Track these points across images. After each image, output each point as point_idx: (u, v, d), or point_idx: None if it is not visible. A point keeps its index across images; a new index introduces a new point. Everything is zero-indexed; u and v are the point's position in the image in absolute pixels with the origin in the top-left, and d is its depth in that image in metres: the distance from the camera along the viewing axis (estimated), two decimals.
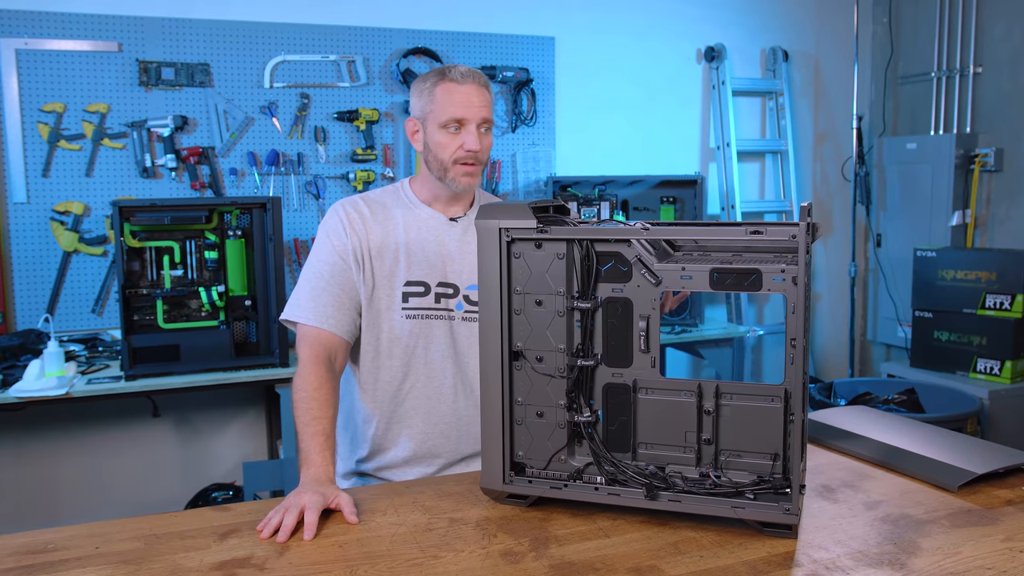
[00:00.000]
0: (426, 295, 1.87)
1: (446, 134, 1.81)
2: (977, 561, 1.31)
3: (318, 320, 1.80)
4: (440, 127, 1.81)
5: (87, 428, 3.58)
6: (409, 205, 1.92)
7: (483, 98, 1.83)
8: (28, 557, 1.35)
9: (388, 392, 1.90)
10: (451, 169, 1.83)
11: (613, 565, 1.31)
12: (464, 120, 1.81)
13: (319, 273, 1.85)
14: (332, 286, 1.83)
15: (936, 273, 4.00)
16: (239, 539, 1.42)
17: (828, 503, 1.55)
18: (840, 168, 4.83)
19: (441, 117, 1.81)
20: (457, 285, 1.89)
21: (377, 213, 1.89)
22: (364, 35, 3.83)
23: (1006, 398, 3.73)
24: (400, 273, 1.86)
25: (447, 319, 1.88)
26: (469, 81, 1.82)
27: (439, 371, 1.89)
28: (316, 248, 1.90)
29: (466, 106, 1.81)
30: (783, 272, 1.39)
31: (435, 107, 1.82)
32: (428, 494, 1.61)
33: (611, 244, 1.47)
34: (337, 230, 1.86)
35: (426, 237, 1.89)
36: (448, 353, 1.89)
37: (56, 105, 3.43)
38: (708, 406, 1.46)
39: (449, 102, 1.80)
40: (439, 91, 1.81)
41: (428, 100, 1.83)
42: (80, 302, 3.52)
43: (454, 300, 1.89)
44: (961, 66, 4.38)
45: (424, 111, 1.85)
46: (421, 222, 1.90)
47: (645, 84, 4.39)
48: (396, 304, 1.86)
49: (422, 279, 1.87)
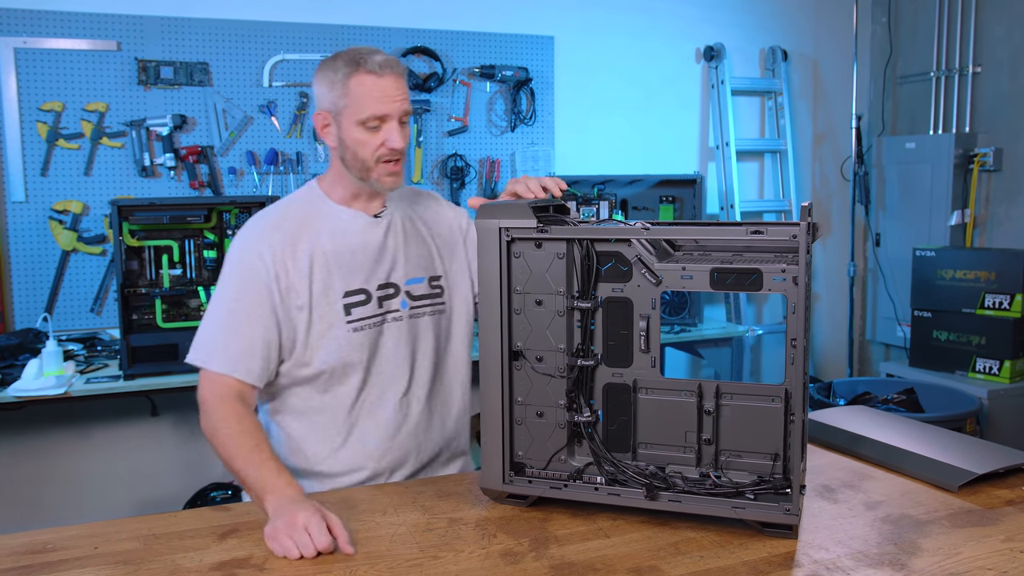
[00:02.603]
0: (368, 302, 1.73)
1: (365, 131, 1.66)
2: (978, 562, 1.30)
3: (225, 366, 1.63)
4: (358, 124, 1.66)
5: (86, 428, 3.57)
6: (327, 210, 1.75)
7: (402, 89, 1.68)
8: (26, 557, 1.35)
9: (339, 416, 1.75)
10: (374, 169, 1.69)
11: (613, 565, 1.30)
12: (386, 116, 1.66)
13: (229, 311, 1.66)
14: (244, 326, 1.65)
15: (935, 273, 4.00)
16: (238, 539, 1.41)
17: (828, 503, 1.54)
18: (839, 168, 4.83)
19: (359, 114, 1.65)
20: (396, 283, 1.78)
21: (294, 229, 1.71)
22: (363, 34, 3.82)
23: (1005, 398, 3.73)
24: (336, 285, 1.71)
25: (394, 321, 1.76)
26: (388, 72, 1.65)
27: (393, 380, 1.77)
28: (226, 280, 1.69)
29: (387, 101, 1.65)
30: (783, 272, 1.39)
31: (351, 102, 1.65)
32: (428, 494, 1.61)
33: (611, 244, 1.47)
34: (251, 260, 1.67)
35: (353, 241, 1.74)
36: (402, 357, 1.77)
37: (55, 104, 3.42)
38: (708, 406, 1.46)
39: (367, 97, 1.64)
40: (354, 84, 1.64)
41: (341, 93, 1.66)
42: (79, 301, 3.52)
43: (396, 300, 1.77)
44: (960, 66, 4.37)
45: (337, 105, 1.67)
46: (344, 225, 1.74)
47: (644, 83, 4.39)
48: (339, 320, 1.70)
49: (361, 286, 1.73)
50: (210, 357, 1.65)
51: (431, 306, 1.82)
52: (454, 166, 3.97)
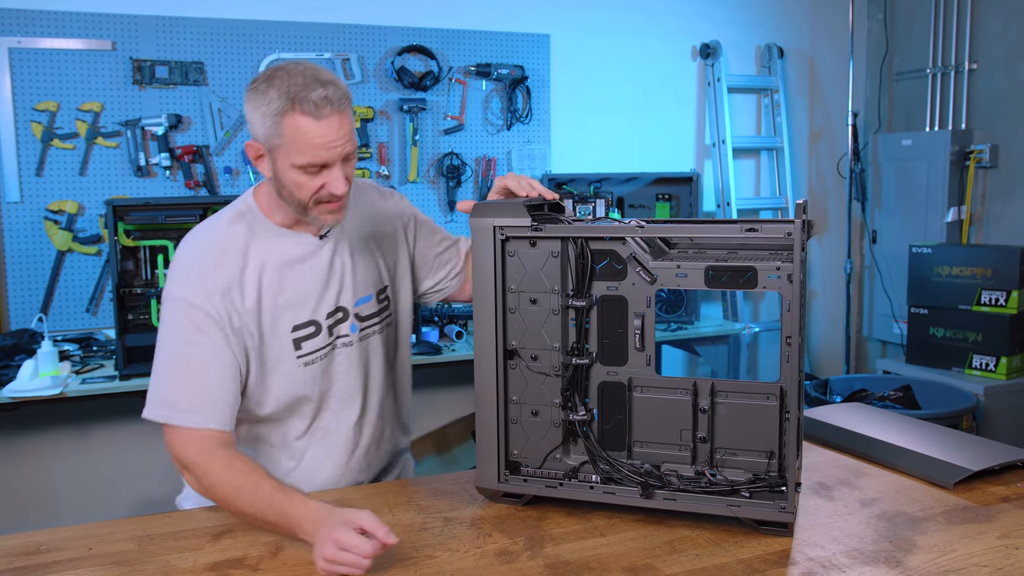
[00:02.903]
0: (318, 333, 1.61)
1: (303, 174, 1.48)
2: (973, 559, 1.30)
3: (198, 420, 1.48)
4: (295, 167, 1.47)
5: (81, 428, 3.56)
6: (268, 235, 1.59)
7: (346, 128, 1.47)
8: (20, 559, 1.35)
9: (290, 445, 1.66)
10: (312, 209, 1.53)
11: (608, 564, 1.30)
12: (327, 163, 1.48)
13: (187, 359, 1.50)
14: (207, 374, 1.50)
15: (931, 269, 4.00)
16: (233, 540, 1.41)
17: (824, 501, 1.54)
18: (835, 165, 4.83)
19: (296, 159, 1.46)
20: (345, 307, 1.65)
21: (238, 264, 1.55)
22: (359, 33, 3.82)
23: (1001, 394, 3.74)
24: (284, 320, 1.58)
25: (344, 347, 1.65)
26: (327, 111, 1.44)
27: (345, 408, 1.68)
28: (175, 326, 1.51)
29: (328, 148, 1.46)
30: (778, 270, 1.39)
31: (285, 144, 1.45)
32: (423, 492, 1.60)
33: (606, 242, 1.47)
34: (201, 303, 1.50)
35: (300, 269, 1.60)
36: (354, 384, 1.68)
37: (49, 104, 3.41)
38: (704, 404, 1.46)
39: (306, 143, 1.44)
40: (289, 126, 1.44)
41: (274, 132, 1.46)
42: (74, 301, 3.51)
43: (346, 324, 1.65)
44: (956, 62, 4.37)
45: (270, 141, 1.47)
46: (289, 252, 1.59)
47: (640, 81, 4.38)
48: (289, 355, 1.58)
49: (310, 318, 1.60)
50: (176, 412, 1.49)
51: (380, 323, 1.73)
52: (450, 164, 3.97)
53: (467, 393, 3.99)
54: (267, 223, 1.59)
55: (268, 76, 1.47)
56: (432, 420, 3.98)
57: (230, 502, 1.44)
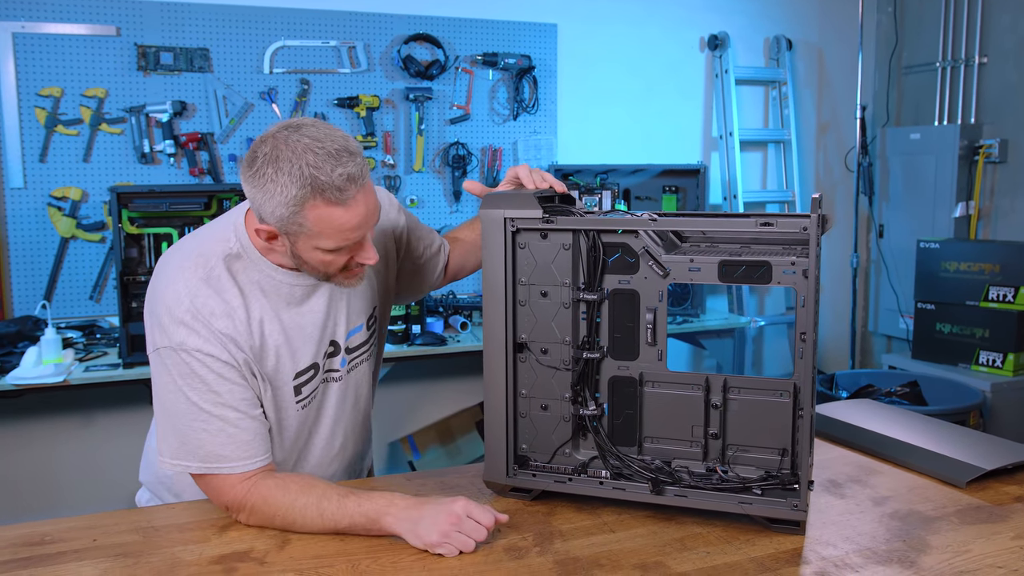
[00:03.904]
0: (316, 375, 1.53)
1: (331, 255, 1.37)
2: (987, 559, 1.29)
3: (250, 464, 1.41)
4: (322, 250, 1.36)
5: (85, 416, 3.56)
6: (266, 275, 1.45)
7: (372, 202, 1.35)
8: (24, 549, 1.34)
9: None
10: (335, 277, 1.45)
11: (618, 561, 1.29)
12: (359, 241, 1.38)
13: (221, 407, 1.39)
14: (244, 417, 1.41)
15: (939, 265, 3.98)
16: (239, 532, 1.40)
17: (835, 498, 1.53)
18: (843, 158, 4.80)
19: (324, 244, 1.34)
20: (337, 342, 1.55)
21: (242, 308, 1.42)
22: (365, 20, 3.79)
23: (1008, 391, 3.72)
24: (285, 367, 1.47)
25: (332, 382, 1.58)
26: (353, 192, 1.30)
27: (332, 434, 1.61)
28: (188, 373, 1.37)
29: (359, 229, 1.35)
30: (793, 265, 1.36)
31: (310, 231, 1.33)
32: (430, 487, 1.59)
33: (618, 235, 1.45)
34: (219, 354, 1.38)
35: (300, 312, 1.49)
36: (341, 414, 1.61)
37: (53, 89, 3.39)
38: (716, 400, 1.44)
39: (335, 231, 1.32)
40: (312, 216, 1.30)
41: (295, 220, 1.32)
42: (78, 289, 3.50)
43: (336, 359, 1.56)
44: (966, 56, 4.34)
45: (288, 228, 1.34)
46: (288, 293, 1.47)
47: (647, 72, 4.35)
48: (289, 402, 1.50)
49: (310, 362, 1.51)
50: (226, 464, 1.40)
51: (368, 350, 1.65)
52: (456, 154, 3.94)
53: (471, 384, 3.98)
54: (263, 262, 1.44)
55: (271, 157, 1.29)
56: (436, 410, 3.97)
57: (294, 523, 1.37)
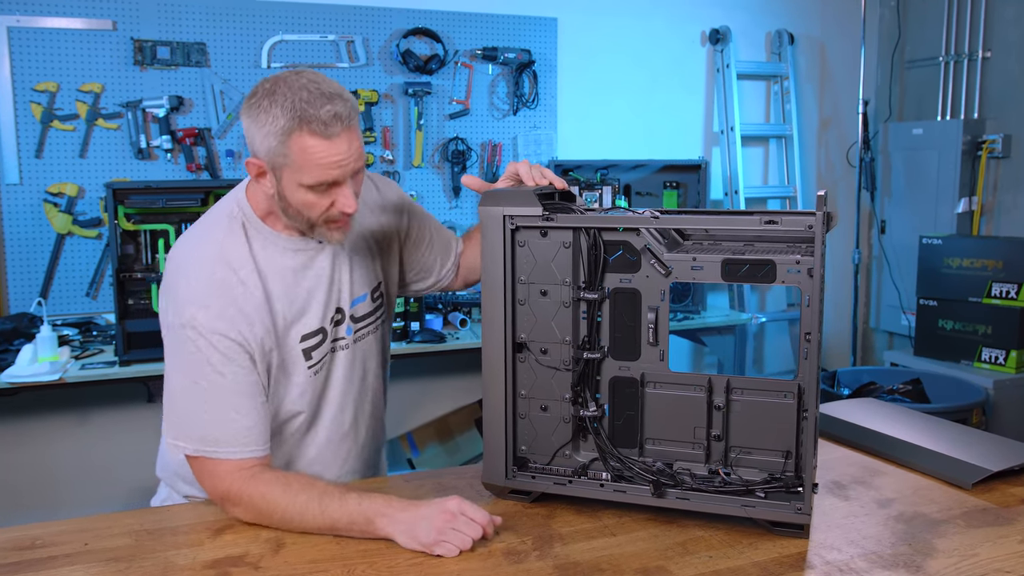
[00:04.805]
0: (324, 340, 1.55)
1: (311, 193, 1.41)
2: (995, 564, 1.27)
3: (245, 451, 1.42)
4: (303, 187, 1.40)
5: (81, 414, 3.53)
6: (267, 242, 1.50)
7: (355, 144, 1.40)
8: (14, 554, 1.31)
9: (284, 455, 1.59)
10: (319, 227, 1.47)
11: (619, 565, 1.26)
12: (337, 180, 1.41)
13: (220, 389, 1.41)
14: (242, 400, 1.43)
15: (941, 261, 3.96)
16: (234, 535, 1.37)
17: (839, 500, 1.50)
18: (845, 153, 4.77)
19: (305, 179, 1.39)
20: (343, 308, 1.58)
21: (248, 273, 1.46)
22: (364, 14, 3.76)
23: (1011, 388, 3.69)
24: (292, 332, 1.50)
25: (341, 351, 1.59)
26: (338, 130, 1.37)
27: (341, 408, 1.62)
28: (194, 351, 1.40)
29: (339, 167, 1.39)
30: (798, 264, 1.34)
31: (292, 164, 1.38)
32: (427, 488, 1.57)
33: (619, 233, 1.42)
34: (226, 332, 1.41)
35: (304, 276, 1.52)
36: (349, 386, 1.62)
37: (49, 84, 3.36)
38: (718, 401, 1.42)
39: (315, 164, 1.37)
40: (296, 147, 1.36)
41: (280, 151, 1.37)
42: (74, 286, 3.47)
43: (342, 327, 1.59)
44: (969, 51, 4.31)
45: (274, 161, 1.39)
46: (292, 259, 1.51)
47: (648, 67, 4.32)
48: (300, 367, 1.52)
49: (317, 326, 1.54)
50: (220, 448, 1.41)
51: (374, 322, 1.67)
52: (455, 149, 3.91)
53: (470, 381, 3.96)
54: (266, 230, 1.50)
55: (269, 91, 1.37)
56: (435, 408, 3.95)
57: (292, 520, 1.36)
